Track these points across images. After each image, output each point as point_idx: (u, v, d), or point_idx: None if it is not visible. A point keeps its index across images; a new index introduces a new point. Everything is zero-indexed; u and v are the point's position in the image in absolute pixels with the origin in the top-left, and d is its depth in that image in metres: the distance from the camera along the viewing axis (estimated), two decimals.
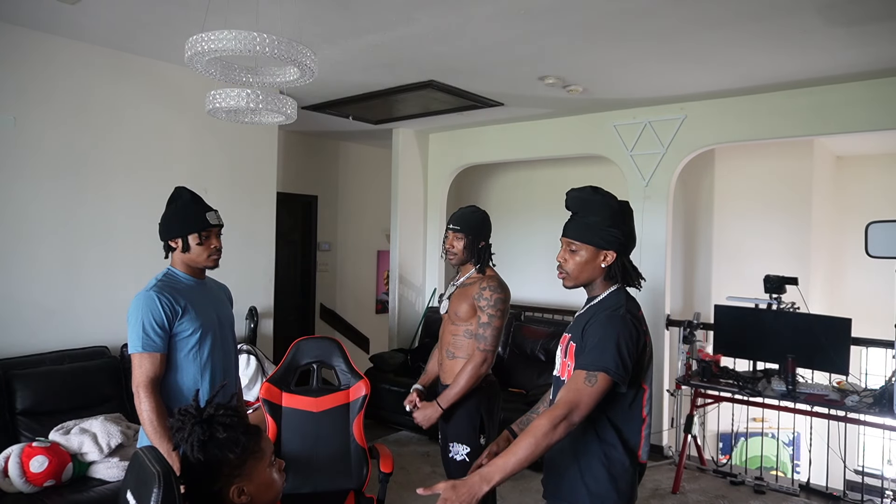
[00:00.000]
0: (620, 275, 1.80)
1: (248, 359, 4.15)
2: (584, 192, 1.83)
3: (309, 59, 2.31)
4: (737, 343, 4.31)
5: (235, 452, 1.37)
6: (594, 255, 1.78)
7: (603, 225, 1.76)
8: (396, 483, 4.01)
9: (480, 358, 2.52)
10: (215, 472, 1.37)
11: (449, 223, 2.65)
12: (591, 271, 1.80)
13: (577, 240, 1.79)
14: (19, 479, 2.86)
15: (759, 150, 6.11)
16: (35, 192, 3.63)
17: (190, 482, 1.39)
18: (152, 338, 2.09)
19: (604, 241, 1.76)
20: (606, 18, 3.23)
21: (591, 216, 1.78)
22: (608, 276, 1.80)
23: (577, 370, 1.66)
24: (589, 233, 1.77)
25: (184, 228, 2.19)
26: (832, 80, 4.17)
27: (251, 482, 1.40)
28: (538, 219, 7.04)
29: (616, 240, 1.76)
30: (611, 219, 1.77)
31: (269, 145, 4.95)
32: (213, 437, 1.37)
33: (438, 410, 2.56)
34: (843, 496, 4.02)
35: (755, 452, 5.52)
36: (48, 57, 3.66)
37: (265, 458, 1.44)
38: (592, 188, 1.84)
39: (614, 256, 1.77)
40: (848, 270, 6.76)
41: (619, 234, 1.76)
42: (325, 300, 7.00)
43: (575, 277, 1.82)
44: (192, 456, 1.36)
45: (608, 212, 1.78)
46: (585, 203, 1.81)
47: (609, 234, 1.76)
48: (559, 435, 1.58)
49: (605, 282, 1.81)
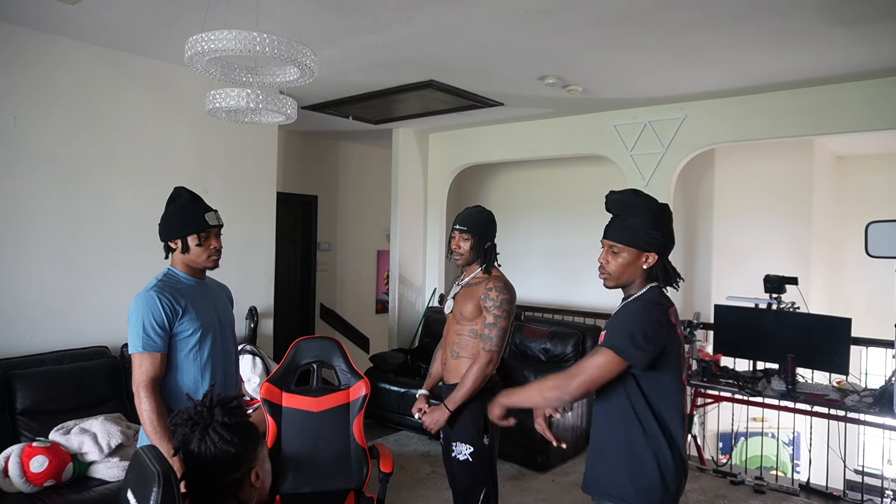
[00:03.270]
0: (662, 276, 1.83)
1: (254, 360, 4.14)
2: (625, 195, 1.86)
3: (309, 59, 2.31)
4: (737, 343, 4.31)
5: (245, 444, 1.42)
6: (636, 256, 1.81)
7: (644, 227, 1.79)
8: (396, 483, 4.02)
9: (486, 358, 2.52)
10: (236, 461, 1.41)
11: (455, 224, 2.63)
12: (633, 272, 1.83)
13: (619, 242, 1.82)
14: (19, 478, 2.86)
15: (759, 150, 6.12)
16: (35, 191, 3.63)
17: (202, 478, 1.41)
18: (152, 338, 2.09)
19: (646, 243, 1.79)
20: (606, 18, 3.23)
21: (632, 218, 1.81)
22: (649, 276, 1.83)
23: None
24: (630, 235, 1.80)
25: (183, 229, 2.19)
26: (832, 80, 4.17)
27: (262, 466, 1.47)
28: (538, 219, 7.05)
29: (658, 241, 1.79)
30: (652, 221, 1.79)
31: (269, 145, 4.94)
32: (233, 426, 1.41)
33: (446, 413, 2.55)
34: (843, 496, 4.01)
35: (755, 452, 5.53)
36: (48, 57, 3.66)
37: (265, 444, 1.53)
38: (633, 191, 1.87)
39: (656, 258, 1.80)
40: (848, 270, 6.77)
41: (660, 235, 1.79)
42: (325, 300, 7.00)
43: (617, 278, 1.85)
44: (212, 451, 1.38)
45: (649, 214, 1.80)
46: (626, 206, 1.84)
47: (650, 235, 1.79)
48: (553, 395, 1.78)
49: (644, 282, 1.85)
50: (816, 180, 6.19)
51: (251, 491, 1.44)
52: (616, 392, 1.80)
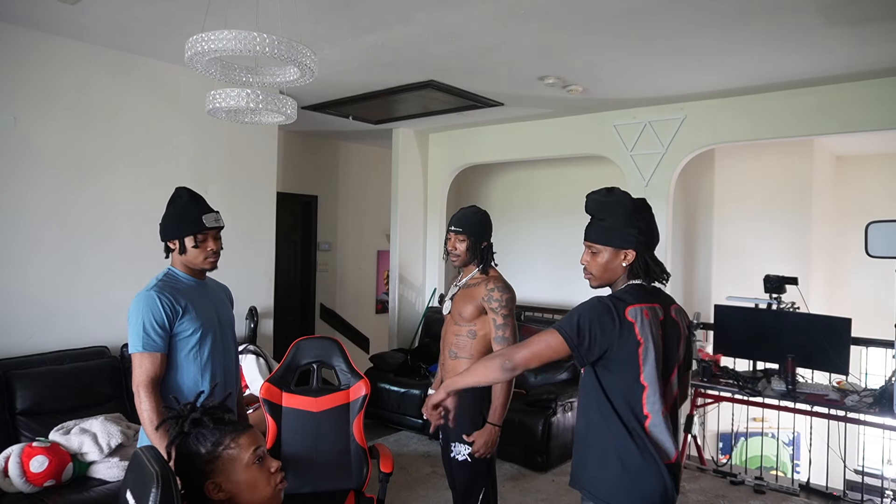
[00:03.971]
0: (643, 272, 1.82)
1: (258, 360, 4.14)
2: (600, 195, 1.87)
3: (309, 59, 2.31)
4: (737, 343, 4.31)
5: (206, 447, 1.41)
6: (614, 255, 1.82)
7: (620, 225, 1.80)
8: (396, 483, 4.02)
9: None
10: (188, 466, 1.41)
11: (450, 225, 2.63)
12: (614, 271, 1.84)
13: (596, 242, 1.84)
14: (19, 478, 2.86)
15: (759, 150, 6.12)
16: (35, 191, 3.63)
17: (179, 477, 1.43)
18: (152, 337, 2.09)
19: (622, 240, 1.80)
20: (606, 18, 3.23)
21: (608, 218, 1.83)
22: (631, 273, 1.83)
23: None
24: (606, 235, 1.82)
25: (180, 230, 2.19)
26: (832, 80, 4.17)
27: (228, 479, 1.41)
28: (538, 219, 7.05)
29: (633, 238, 1.80)
30: (626, 218, 1.80)
31: (269, 145, 4.95)
32: (183, 433, 1.43)
33: (495, 430, 2.49)
34: (843, 496, 4.01)
35: (755, 452, 5.53)
36: (48, 57, 3.66)
37: (243, 455, 1.43)
38: (607, 189, 1.87)
39: (634, 255, 1.81)
40: (848, 270, 6.76)
41: (636, 232, 1.80)
42: (325, 300, 7.00)
43: (599, 278, 1.87)
44: (169, 450, 1.44)
45: (623, 211, 1.81)
46: (601, 205, 1.86)
47: (626, 233, 1.80)
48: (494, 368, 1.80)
49: (626, 279, 1.85)
50: (816, 180, 6.19)
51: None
52: (584, 387, 1.85)
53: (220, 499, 1.40)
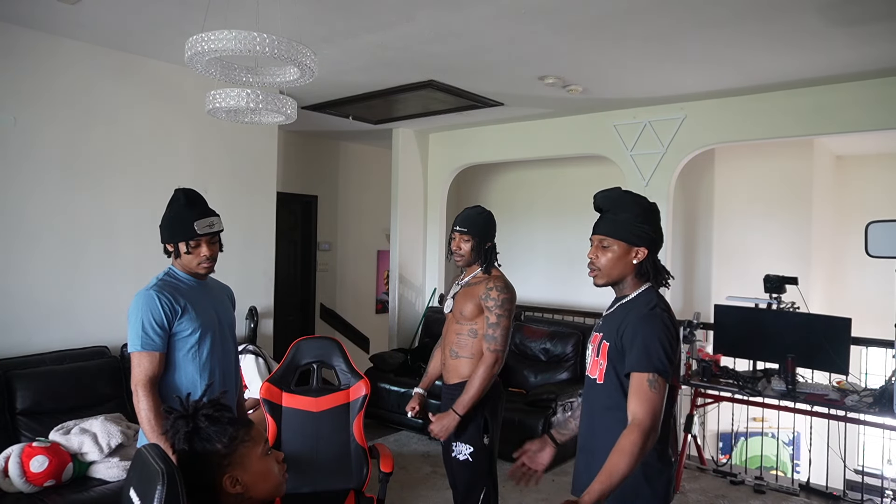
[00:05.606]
0: (652, 272, 1.79)
1: (257, 360, 4.14)
2: (614, 192, 1.84)
3: (309, 59, 2.31)
4: (737, 343, 4.31)
5: (223, 442, 1.39)
6: (626, 251, 1.77)
7: (635, 221, 1.76)
8: (396, 483, 4.02)
9: (492, 359, 2.52)
10: (205, 462, 1.39)
11: (455, 225, 2.63)
12: (623, 268, 1.79)
13: (609, 235, 1.78)
14: (19, 478, 2.86)
15: (759, 150, 6.11)
16: (35, 191, 3.63)
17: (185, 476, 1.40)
18: (152, 337, 2.09)
19: (636, 237, 1.76)
20: (606, 18, 3.23)
21: (622, 213, 1.78)
22: (639, 273, 1.79)
23: (634, 374, 1.65)
24: (621, 229, 1.77)
25: (173, 236, 2.19)
26: (832, 80, 4.17)
27: (245, 471, 1.41)
28: (538, 219, 7.05)
29: (647, 236, 1.76)
30: (642, 216, 1.77)
31: (269, 145, 4.94)
32: (197, 429, 1.39)
33: (456, 418, 2.52)
34: (843, 496, 4.01)
35: (755, 452, 5.53)
36: (48, 57, 3.66)
37: (256, 447, 1.44)
38: (620, 188, 1.85)
39: (645, 253, 1.77)
40: (848, 270, 6.76)
41: (650, 230, 1.77)
42: (325, 300, 7.00)
43: (606, 274, 1.80)
44: (178, 448, 1.40)
45: (639, 209, 1.78)
46: (615, 201, 1.82)
47: (641, 230, 1.76)
48: (651, 445, 1.59)
49: (636, 280, 1.80)
50: (816, 180, 6.19)
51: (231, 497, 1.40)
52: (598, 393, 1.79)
53: (238, 492, 1.40)
